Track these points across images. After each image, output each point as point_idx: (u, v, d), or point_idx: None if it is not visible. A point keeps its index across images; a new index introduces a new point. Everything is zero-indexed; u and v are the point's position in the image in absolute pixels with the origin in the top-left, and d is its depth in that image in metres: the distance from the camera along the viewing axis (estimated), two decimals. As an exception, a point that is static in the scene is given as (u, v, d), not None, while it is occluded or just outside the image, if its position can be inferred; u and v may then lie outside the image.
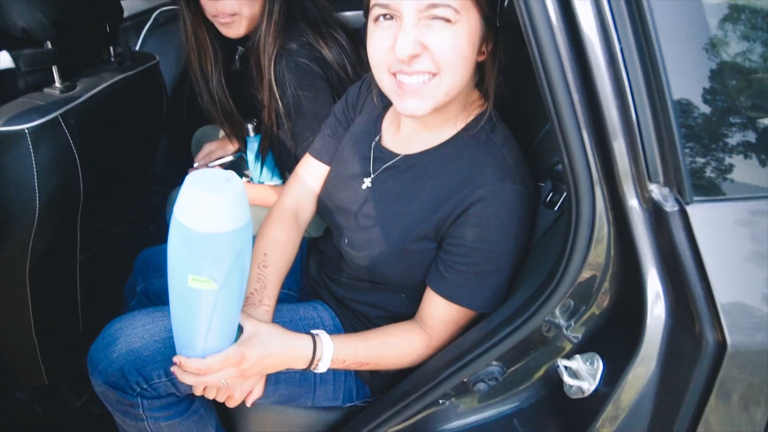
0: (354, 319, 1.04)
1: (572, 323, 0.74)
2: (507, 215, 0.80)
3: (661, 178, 0.59)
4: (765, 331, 0.56)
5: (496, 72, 0.82)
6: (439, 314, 0.88)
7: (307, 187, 1.10)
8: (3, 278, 1.00)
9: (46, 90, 0.98)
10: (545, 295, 0.72)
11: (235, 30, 1.22)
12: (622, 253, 0.65)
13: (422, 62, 0.74)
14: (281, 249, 1.00)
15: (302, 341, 0.85)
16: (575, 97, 0.59)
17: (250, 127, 1.47)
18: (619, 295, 0.68)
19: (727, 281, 0.57)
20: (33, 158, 0.88)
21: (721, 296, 0.56)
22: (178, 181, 1.58)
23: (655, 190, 0.59)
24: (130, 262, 1.35)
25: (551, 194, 0.83)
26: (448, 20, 0.71)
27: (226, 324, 0.77)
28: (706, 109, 0.57)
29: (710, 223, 0.57)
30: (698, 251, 0.56)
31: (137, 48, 1.80)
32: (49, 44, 0.94)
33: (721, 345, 0.56)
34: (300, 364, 0.85)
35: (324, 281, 1.10)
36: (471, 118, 0.87)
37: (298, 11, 1.24)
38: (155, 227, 1.85)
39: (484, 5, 0.74)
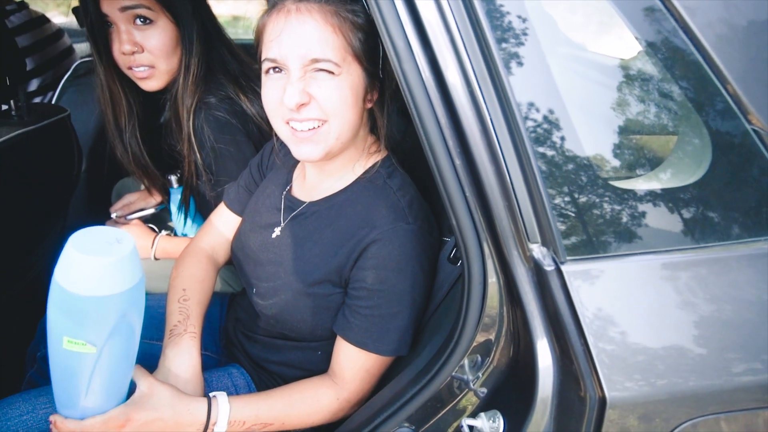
0: (271, 382, 1.00)
1: (479, 376, 0.74)
2: (402, 255, 0.82)
3: (539, 238, 0.61)
4: (637, 383, 0.58)
5: (386, 119, 0.88)
6: (348, 363, 0.86)
7: (221, 234, 1.11)
8: None
9: None
10: (447, 352, 0.72)
11: (152, 84, 1.20)
12: (513, 310, 0.67)
13: (311, 110, 0.79)
14: (200, 284, 1.00)
15: (196, 404, 0.80)
16: (457, 162, 0.62)
17: (173, 178, 1.43)
18: (516, 352, 0.70)
19: (602, 338, 0.59)
20: None
21: (598, 353, 0.58)
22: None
23: (536, 250, 0.62)
24: (35, 323, 1.24)
25: (454, 250, 0.85)
26: (330, 72, 0.77)
27: (110, 384, 0.73)
28: (573, 173, 0.61)
29: (584, 281, 0.60)
30: (575, 309, 0.59)
31: (54, 98, 1.72)
32: None
33: (602, 400, 0.58)
34: (193, 429, 0.80)
35: (240, 340, 1.06)
36: (370, 164, 0.91)
37: (217, 65, 1.24)
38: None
39: (364, 61, 0.80)
